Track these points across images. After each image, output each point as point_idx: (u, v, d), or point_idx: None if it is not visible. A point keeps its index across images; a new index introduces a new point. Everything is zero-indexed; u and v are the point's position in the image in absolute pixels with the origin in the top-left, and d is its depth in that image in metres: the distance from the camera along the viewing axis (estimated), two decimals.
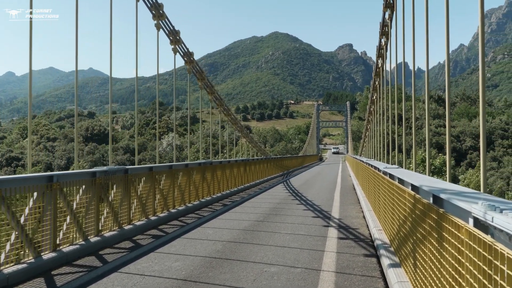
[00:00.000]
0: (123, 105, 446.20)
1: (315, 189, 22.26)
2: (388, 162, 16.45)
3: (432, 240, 4.16)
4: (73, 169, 11.09)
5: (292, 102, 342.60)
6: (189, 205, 14.39)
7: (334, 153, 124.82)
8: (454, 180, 57.23)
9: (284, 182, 27.39)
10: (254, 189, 22.46)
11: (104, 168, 9.69)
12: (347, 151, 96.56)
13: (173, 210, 12.98)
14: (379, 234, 9.18)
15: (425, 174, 8.80)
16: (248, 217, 12.82)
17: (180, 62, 18.87)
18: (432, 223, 4.16)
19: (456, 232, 3.28)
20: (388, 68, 16.63)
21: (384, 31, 14.98)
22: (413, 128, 10.12)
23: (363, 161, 18.36)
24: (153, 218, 11.58)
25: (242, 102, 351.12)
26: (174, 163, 13.78)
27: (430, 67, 9.30)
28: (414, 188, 5.52)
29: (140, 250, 8.60)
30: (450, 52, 7.94)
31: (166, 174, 13.04)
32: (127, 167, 10.66)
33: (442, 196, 3.88)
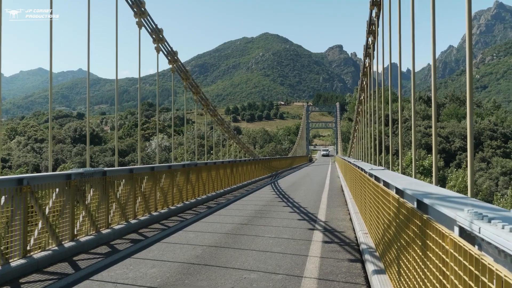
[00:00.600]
0: (112, 106, 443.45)
1: (302, 191, 21.99)
2: (376, 164, 16.21)
3: (416, 248, 3.87)
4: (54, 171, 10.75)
5: (282, 103, 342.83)
6: (172, 207, 14.03)
7: (323, 155, 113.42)
8: (443, 181, 57.25)
9: (272, 184, 27.10)
10: (241, 191, 22.14)
11: (80, 170, 9.32)
12: (337, 152, 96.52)
13: (155, 213, 12.62)
14: (364, 237, 8.91)
15: (416, 174, 8.56)
16: (232, 220, 12.49)
17: (166, 65, 18.49)
18: (416, 229, 3.88)
19: (440, 241, 2.99)
20: (375, 69, 16.43)
21: (371, 30, 14.72)
22: (399, 129, 9.86)
23: (350, 162, 18.12)
24: (133, 221, 11.21)
25: (232, 103, 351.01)
26: (156, 165, 13.43)
27: (419, 69, 9.08)
28: (399, 191, 5.23)
29: (116, 256, 8.25)
30: (439, 53, 7.70)
31: (148, 176, 12.67)
32: (105, 169, 10.29)
33: (426, 201, 3.59)
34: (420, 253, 3.69)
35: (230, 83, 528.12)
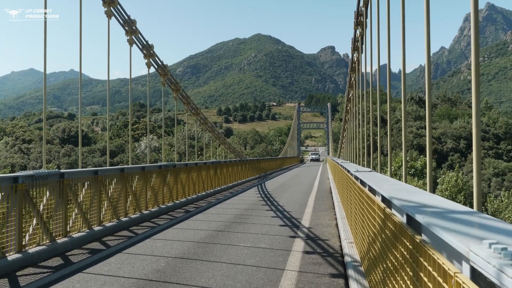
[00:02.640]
0: (104, 107, 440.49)
1: (289, 193, 21.00)
2: (366, 165, 15.25)
3: (406, 278, 2.89)
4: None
5: (275, 104, 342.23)
6: (146, 212, 13.00)
7: (312, 160, 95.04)
8: (434, 182, 56.44)
9: (259, 186, 26.11)
10: (225, 193, 21.12)
11: (31, 172, 8.27)
12: (328, 153, 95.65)
13: (124, 219, 11.57)
14: (349, 248, 7.94)
15: (406, 177, 7.61)
16: (208, 226, 11.48)
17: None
18: (405, 253, 2.90)
19: (440, 280, 2.02)
20: (364, 70, 15.46)
21: (359, 21, 13.80)
22: (388, 131, 8.90)
23: (337, 163, 17.16)
24: (97, 228, 10.16)
25: (224, 104, 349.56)
26: (127, 166, 12.39)
27: (411, 70, 8.13)
28: (385, 200, 4.25)
29: (66, 270, 7.20)
30: (431, 54, 6.73)
31: (118, 178, 11.63)
32: (63, 171, 9.25)
33: (419, 217, 2.62)
34: (411, 287, 2.72)
35: (222, 84, 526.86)
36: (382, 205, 4.23)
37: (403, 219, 3.20)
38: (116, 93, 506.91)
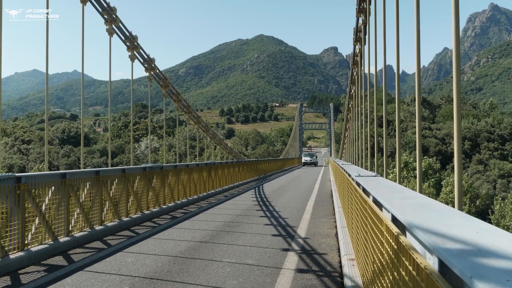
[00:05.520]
0: (107, 108, 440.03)
1: (287, 197, 19.72)
2: (368, 167, 13.95)
3: None
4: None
5: (277, 104, 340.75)
6: (126, 219, 11.75)
7: (306, 163, 71.74)
8: (439, 183, 54.97)
9: (256, 188, 24.83)
10: (219, 197, 19.86)
11: None
12: (331, 154, 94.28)
13: (98, 227, 10.33)
14: (350, 267, 6.68)
15: (414, 180, 6.36)
16: (192, 236, 10.24)
17: (161, 67, 16.38)
18: None
19: None
20: (366, 63, 14.28)
21: (358, 38, 13.06)
22: (397, 133, 7.62)
23: (338, 164, 15.88)
24: (63, 239, 8.92)
25: (227, 105, 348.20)
26: (103, 169, 11.14)
27: (413, 71, 6.83)
28: (398, 223, 2.98)
29: None
30: (434, 55, 5.50)
31: (92, 182, 10.40)
32: (19, 174, 8.01)
33: (464, 274, 1.36)
34: None
35: (225, 84, 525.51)
36: (394, 228, 2.97)
37: (433, 265, 1.95)
38: (118, 94, 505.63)
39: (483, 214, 50.36)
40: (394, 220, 3.19)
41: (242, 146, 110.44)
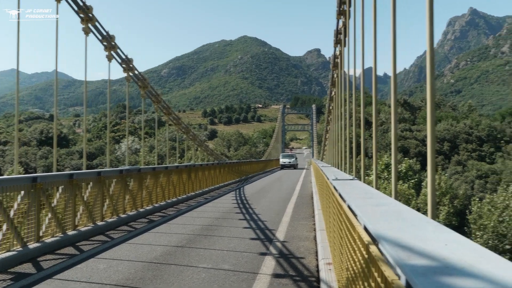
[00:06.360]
0: (88, 108, 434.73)
1: (267, 199, 19.58)
2: (348, 169, 13.86)
3: None
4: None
5: (260, 106, 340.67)
6: (100, 223, 11.47)
7: (285, 166, 64.06)
8: (419, 184, 55.32)
9: (237, 190, 24.65)
10: (199, 199, 19.63)
11: None
12: (313, 155, 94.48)
13: (71, 233, 10.03)
14: (326, 272, 6.56)
15: (391, 181, 6.23)
16: (168, 240, 10.03)
17: (143, 67, 16.09)
18: None
19: None
20: (346, 65, 14.26)
21: (339, 40, 13.08)
22: (374, 136, 7.51)
23: (318, 166, 15.81)
24: (33, 245, 8.64)
25: (210, 106, 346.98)
26: (77, 172, 10.88)
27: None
28: (370, 234, 2.84)
29: None
30: (415, 58, 5.42)
31: (65, 185, 10.10)
32: None
33: None
34: None
35: (208, 85, 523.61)
36: (365, 237, 2.84)
37: (401, 279, 1.81)
38: (99, 94, 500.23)
39: (461, 214, 50.93)
40: (366, 228, 3.06)
41: (225, 147, 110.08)
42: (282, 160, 65.42)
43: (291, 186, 27.95)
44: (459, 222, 50.38)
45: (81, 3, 12.15)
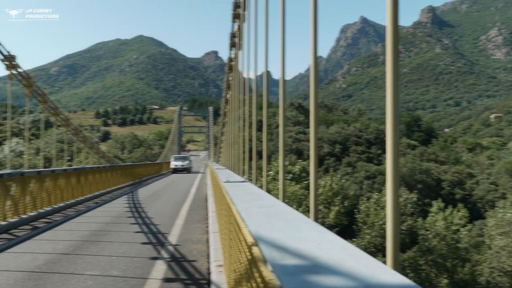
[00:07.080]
0: None
1: (161, 202, 19.25)
2: (242, 171, 14.05)
3: None
4: None
5: (157, 107, 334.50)
6: None
7: (177, 169, 56.18)
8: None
9: (131, 193, 23.94)
10: (89, 204, 18.78)
11: None
12: (209, 157, 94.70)
13: None
14: (217, 274, 6.59)
15: (288, 183, 6.38)
16: (53, 248, 9.46)
17: (30, 65, 14.92)
18: None
19: None
20: (240, 67, 14.46)
21: (234, 43, 13.30)
22: (264, 140, 7.68)
23: (213, 169, 15.87)
24: None
25: (103, 107, 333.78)
26: None
27: (291, 77, 7.03)
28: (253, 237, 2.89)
29: None
30: (308, 64, 5.64)
31: None
32: None
33: None
34: None
35: (102, 85, 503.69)
36: (250, 239, 2.88)
37: (275, 281, 1.85)
38: None
39: (351, 213, 53.91)
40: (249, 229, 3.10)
41: (118, 149, 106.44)
42: (174, 163, 57.02)
43: (186, 189, 27.73)
44: (349, 221, 53.24)
45: None
